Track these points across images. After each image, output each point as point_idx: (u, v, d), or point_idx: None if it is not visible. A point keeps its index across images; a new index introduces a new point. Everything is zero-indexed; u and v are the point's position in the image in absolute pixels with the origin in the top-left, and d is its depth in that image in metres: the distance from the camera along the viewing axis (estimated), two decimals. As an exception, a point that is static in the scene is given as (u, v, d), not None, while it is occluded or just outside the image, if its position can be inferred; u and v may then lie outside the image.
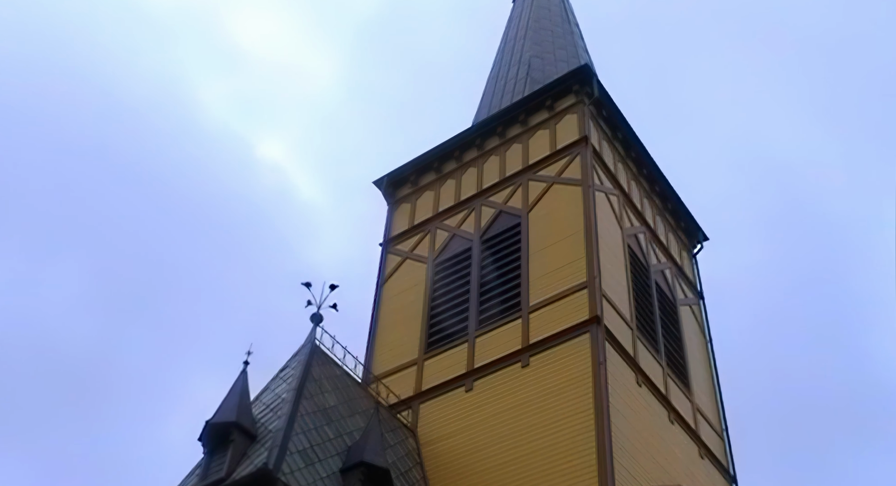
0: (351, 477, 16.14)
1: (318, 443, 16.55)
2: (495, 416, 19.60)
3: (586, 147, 24.16)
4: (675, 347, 23.86)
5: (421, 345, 22.76)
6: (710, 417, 23.92)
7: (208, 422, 15.98)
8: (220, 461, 15.61)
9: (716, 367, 25.88)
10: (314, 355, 19.17)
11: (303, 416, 16.87)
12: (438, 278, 24.31)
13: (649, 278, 24.47)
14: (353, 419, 18.53)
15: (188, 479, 16.45)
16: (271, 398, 17.61)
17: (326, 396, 18.45)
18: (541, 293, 21.43)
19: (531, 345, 20.43)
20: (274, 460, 14.77)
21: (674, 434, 21.25)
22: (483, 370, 20.77)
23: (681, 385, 22.91)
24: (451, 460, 19.58)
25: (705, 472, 22.03)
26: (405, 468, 19.09)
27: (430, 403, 21.19)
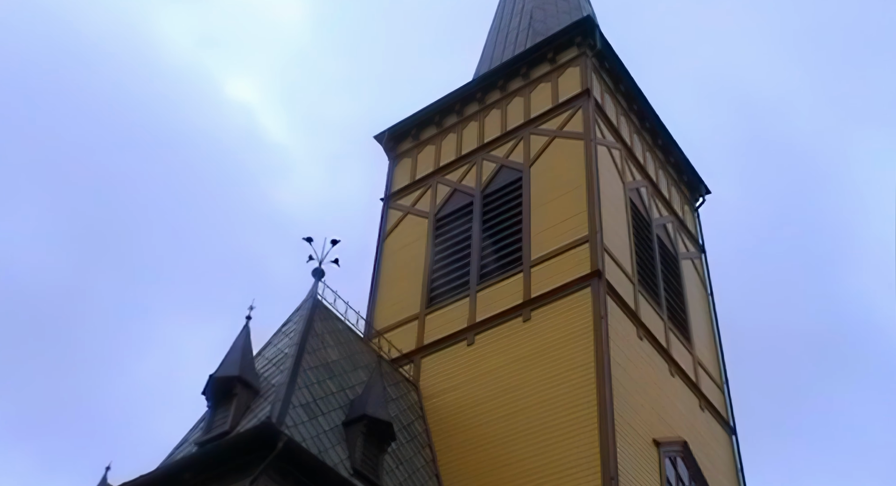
0: (353, 430, 16.27)
1: (320, 397, 16.66)
2: (496, 370, 19.71)
3: (588, 100, 23.97)
4: (676, 300, 23.90)
5: (422, 300, 22.81)
6: (711, 369, 24.05)
7: (212, 376, 16.06)
8: (224, 415, 15.73)
9: (716, 320, 25.96)
10: (316, 310, 19.21)
11: (305, 370, 16.96)
12: (440, 233, 24.28)
13: (651, 232, 24.43)
14: (356, 373, 18.64)
15: (192, 432, 16.59)
16: (274, 353, 17.69)
17: (329, 350, 18.54)
18: (542, 248, 21.41)
19: (532, 299, 20.46)
20: (277, 413, 14.87)
21: (674, 387, 21.38)
22: (484, 325, 20.84)
23: (682, 338, 23.00)
24: (452, 413, 19.73)
25: (706, 424, 22.21)
26: (407, 422, 19.25)
27: (432, 357, 21.30)
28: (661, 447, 18.90)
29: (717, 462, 21.58)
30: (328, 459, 15.02)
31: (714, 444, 22.08)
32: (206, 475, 14.26)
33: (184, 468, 14.62)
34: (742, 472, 22.70)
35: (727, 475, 21.98)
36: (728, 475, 22.07)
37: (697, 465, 20.02)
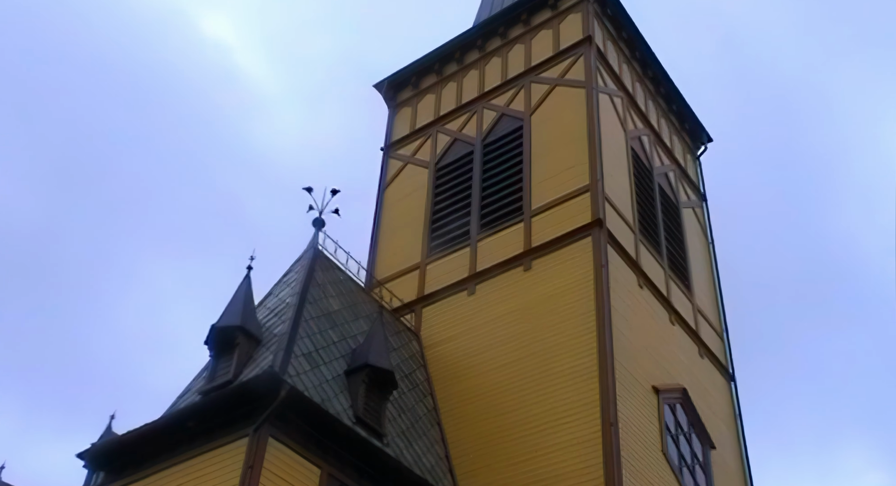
0: (355, 379, 16.39)
1: (322, 346, 16.75)
2: (497, 319, 19.79)
3: (590, 47, 23.70)
4: (677, 249, 23.91)
5: (423, 249, 22.83)
6: (711, 317, 24.15)
7: (213, 326, 16.13)
8: (227, 365, 15.83)
9: (717, 268, 26.00)
10: (317, 260, 19.23)
11: (307, 320, 17.03)
12: (440, 182, 24.20)
13: (652, 181, 24.34)
14: (357, 322, 18.72)
15: (195, 381, 16.71)
16: (275, 303, 17.75)
17: (330, 300, 18.60)
18: (543, 197, 21.36)
19: (533, 249, 20.47)
20: (279, 362, 14.97)
21: (674, 335, 21.49)
22: (485, 274, 20.88)
23: (682, 287, 23.06)
24: (453, 362, 19.87)
25: (705, 371, 22.37)
26: (409, 370, 19.39)
27: (433, 306, 21.38)
28: (661, 394, 19.07)
29: (715, 409, 21.79)
30: (331, 408, 15.16)
31: (713, 391, 22.26)
32: (209, 424, 14.41)
33: (187, 416, 14.77)
34: (740, 418, 22.94)
35: (726, 422, 22.20)
36: (727, 421, 22.30)
37: (696, 411, 20.21)
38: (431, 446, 17.90)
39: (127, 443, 15.35)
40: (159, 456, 14.85)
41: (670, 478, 18.05)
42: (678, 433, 19.39)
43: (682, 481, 18.38)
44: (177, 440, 14.70)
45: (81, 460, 16.08)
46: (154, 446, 14.93)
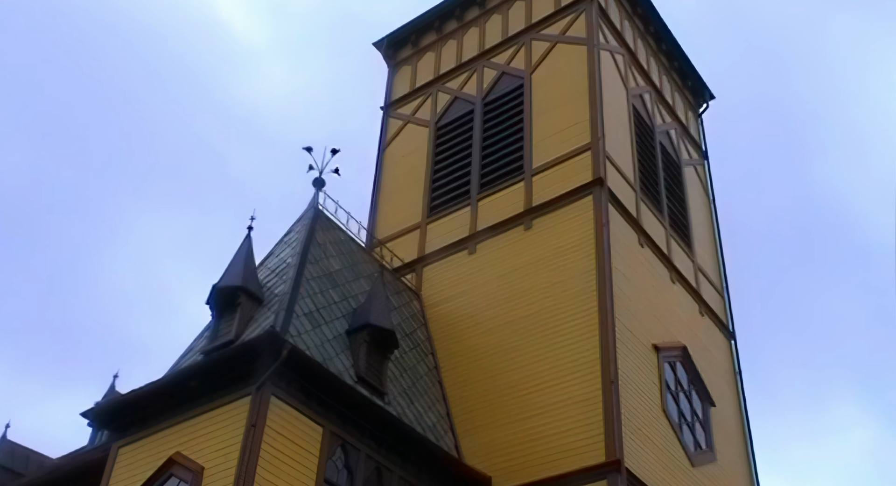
0: (357, 339, 16.46)
1: (323, 306, 16.80)
2: (498, 278, 19.82)
3: (591, 4, 23.42)
4: (677, 207, 23.86)
5: (424, 209, 22.79)
6: (711, 275, 24.18)
7: (215, 286, 16.15)
8: (229, 325, 15.88)
9: (718, 226, 25.98)
10: (317, 220, 19.21)
11: (308, 280, 17.06)
12: (440, 141, 24.08)
13: (654, 139, 24.22)
14: (358, 282, 18.75)
15: (198, 341, 16.79)
16: (276, 263, 17.76)
17: (331, 260, 18.61)
18: (544, 156, 21.26)
19: (534, 208, 20.43)
20: (281, 322, 15.03)
21: (675, 293, 21.53)
22: (485, 233, 20.86)
23: (683, 245, 23.05)
24: (454, 321, 19.93)
25: (705, 329, 22.45)
26: (410, 330, 19.47)
27: (434, 266, 21.40)
28: (661, 352, 19.15)
29: (715, 367, 21.90)
30: (332, 367, 15.25)
31: (713, 349, 22.36)
32: (212, 383, 14.50)
33: (190, 376, 14.86)
34: (740, 376, 23.06)
35: (726, 380, 22.32)
36: (727, 379, 22.42)
37: (696, 369, 20.32)
38: (432, 404, 18.03)
39: (130, 402, 15.46)
40: (163, 415, 14.97)
41: (670, 435, 18.20)
42: (678, 390, 19.51)
43: (681, 438, 18.53)
44: (180, 398, 14.80)
45: (86, 418, 16.23)
46: (157, 404, 15.04)
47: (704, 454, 19.31)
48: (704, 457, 19.20)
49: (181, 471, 14.07)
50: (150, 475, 14.41)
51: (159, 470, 14.35)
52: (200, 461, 13.83)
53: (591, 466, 15.93)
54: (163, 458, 14.41)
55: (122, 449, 15.33)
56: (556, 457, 16.43)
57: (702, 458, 19.05)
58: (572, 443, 16.44)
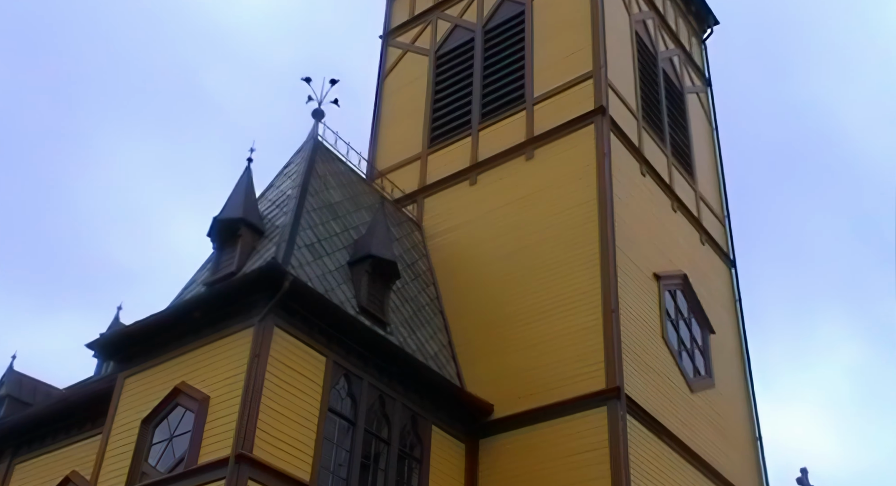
0: (359, 270, 16.52)
1: (325, 238, 16.82)
2: (499, 209, 19.79)
3: (593, -73, 22.84)
4: (680, 135, 23.70)
5: (424, 139, 22.63)
6: (713, 203, 24.14)
7: (216, 218, 16.16)
8: (230, 256, 15.93)
9: (720, 154, 25.84)
10: (317, 152, 19.11)
11: (309, 212, 17.05)
12: (441, 70, 23.78)
13: (656, 66, 23.91)
14: (359, 213, 18.74)
15: (200, 273, 16.87)
16: (277, 195, 17.73)
17: (331, 192, 18.57)
18: (545, 84, 21.02)
19: (535, 138, 20.29)
20: (282, 254, 15.07)
21: (676, 222, 21.53)
22: (487, 164, 20.76)
23: (684, 174, 22.96)
24: (456, 252, 19.98)
25: (706, 257, 22.51)
26: (411, 261, 19.52)
27: (435, 197, 21.36)
28: (661, 281, 19.24)
29: (715, 295, 22.02)
30: (334, 297, 15.34)
31: (714, 277, 22.45)
32: (215, 315, 14.62)
33: (193, 307, 14.97)
34: (740, 303, 23.20)
35: (726, 307, 22.47)
36: (727, 306, 22.57)
37: (696, 297, 20.43)
38: (434, 334, 18.19)
39: (135, 333, 15.61)
40: (167, 346, 15.13)
41: (669, 362, 18.40)
42: (678, 318, 19.66)
43: (680, 364, 18.74)
44: (183, 330, 14.94)
45: (91, 350, 16.41)
46: (161, 336, 15.19)
47: (703, 380, 19.55)
48: (703, 383, 19.45)
49: (187, 400, 14.28)
50: (156, 405, 14.63)
51: (165, 399, 14.57)
52: (206, 391, 14.03)
53: (591, 393, 16.15)
54: (168, 388, 14.62)
55: (128, 379, 15.54)
56: (556, 385, 16.65)
57: (700, 384, 19.29)
58: (573, 371, 16.64)
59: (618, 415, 15.65)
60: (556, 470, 15.80)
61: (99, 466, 14.81)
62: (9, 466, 18.04)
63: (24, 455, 17.97)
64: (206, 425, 13.66)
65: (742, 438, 20.52)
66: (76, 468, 16.70)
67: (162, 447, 14.30)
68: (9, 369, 21.91)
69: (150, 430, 14.59)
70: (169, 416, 14.51)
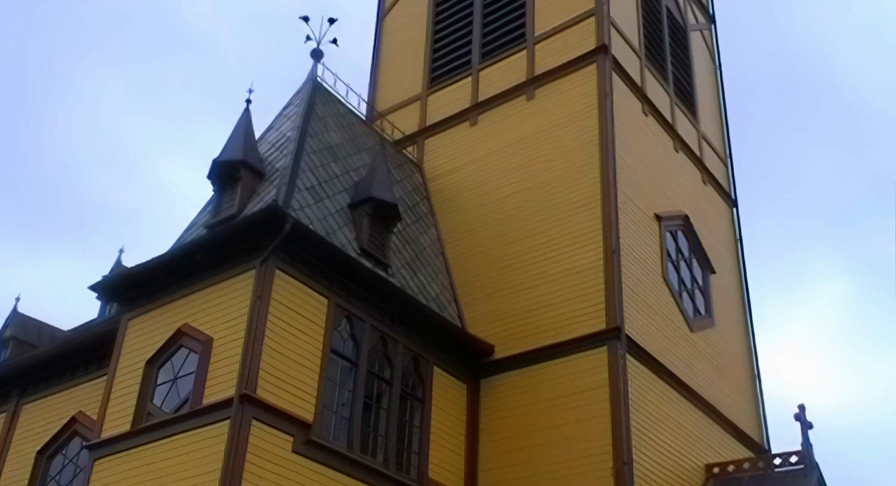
0: (359, 212, 16.51)
1: (325, 180, 16.77)
2: (500, 150, 19.69)
3: None
4: (683, 74, 23.44)
5: (424, 80, 22.41)
6: (715, 143, 24.00)
7: (215, 161, 16.09)
8: (231, 199, 15.91)
9: (723, 93, 25.61)
10: (316, 93, 18.94)
11: (308, 154, 16.97)
12: (440, 9, 23.41)
13: (660, 3, 23.54)
14: (359, 155, 18.65)
15: (200, 215, 16.86)
16: (276, 137, 17.63)
17: (331, 134, 18.46)
18: (546, 23, 20.73)
19: (536, 77, 20.08)
20: (283, 196, 15.03)
21: (678, 162, 21.43)
22: (487, 104, 20.59)
23: (687, 113, 22.77)
24: (457, 193, 19.93)
25: (708, 198, 22.46)
26: (412, 203, 19.49)
27: (435, 138, 21.23)
28: (663, 221, 19.23)
29: (717, 234, 22.03)
30: (336, 240, 15.35)
31: (715, 217, 22.43)
32: (216, 257, 14.65)
33: (194, 250, 15.00)
34: (741, 243, 23.23)
35: (727, 247, 22.50)
36: (727, 246, 22.59)
37: (697, 237, 20.44)
38: (436, 275, 18.25)
39: (137, 275, 15.67)
40: (170, 288, 15.21)
41: (669, 302, 18.48)
42: (679, 258, 19.70)
43: (681, 304, 18.83)
44: (186, 272, 15.00)
45: (94, 292, 16.49)
46: (164, 278, 15.25)
47: (703, 319, 19.67)
48: (703, 323, 19.57)
49: (191, 342, 14.40)
50: (160, 346, 14.77)
51: (169, 341, 14.69)
52: (209, 333, 14.14)
53: (591, 333, 16.26)
54: (172, 329, 14.73)
55: (131, 321, 15.65)
56: (557, 325, 16.76)
57: (700, 323, 19.41)
58: (574, 311, 16.73)
59: (618, 355, 15.78)
60: (557, 409, 16.00)
61: (105, 406, 15.01)
62: (16, 406, 18.29)
63: (30, 396, 18.20)
64: (210, 366, 13.80)
65: (741, 376, 20.72)
66: (82, 408, 16.94)
67: (166, 387, 14.47)
68: (13, 312, 22.07)
69: (154, 371, 14.75)
70: (173, 357, 14.67)
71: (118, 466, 14.04)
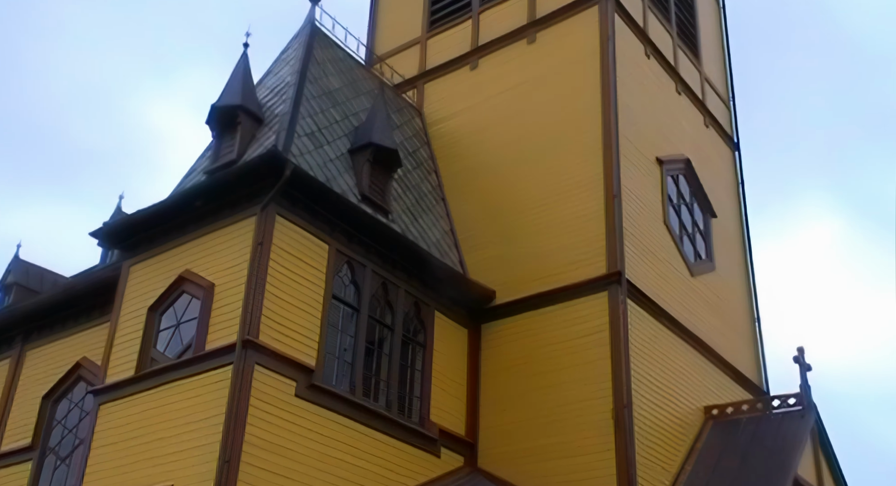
0: (360, 158, 16.42)
1: (325, 126, 16.65)
2: (501, 94, 19.51)
3: None
4: (686, 15, 23.11)
5: (424, 23, 22.11)
6: (718, 85, 23.77)
7: (213, 106, 15.95)
8: (230, 145, 15.81)
9: (727, 34, 25.26)
10: (315, 37, 18.70)
11: (308, 99, 16.82)
12: (440, -52, 22.99)
13: (663, -57, 23.10)
14: (359, 100, 18.49)
15: (199, 161, 16.79)
16: (275, 82, 17.46)
17: (330, 78, 18.28)
18: (548, -37, 20.37)
19: (537, 20, 19.81)
20: (283, 142, 14.94)
21: (680, 105, 21.25)
22: (488, 48, 20.34)
23: (690, 55, 22.51)
24: (457, 139, 19.81)
25: (710, 140, 22.32)
26: (413, 148, 19.39)
27: (435, 82, 21.03)
28: (664, 166, 19.14)
29: (718, 178, 21.94)
30: (336, 186, 15.30)
31: (717, 160, 22.33)
32: (217, 203, 14.62)
33: (194, 196, 14.96)
34: (742, 186, 23.16)
35: (728, 191, 22.43)
36: (729, 190, 22.52)
37: (699, 181, 20.37)
38: (437, 221, 18.23)
39: (137, 222, 15.65)
40: (170, 234, 15.21)
41: (670, 246, 18.49)
42: (680, 202, 19.66)
43: (681, 249, 18.84)
44: (186, 218, 14.99)
45: (95, 239, 16.50)
46: (164, 224, 15.24)
47: (704, 263, 19.71)
48: (704, 267, 19.61)
49: (192, 288, 14.45)
50: (162, 293, 14.82)
51: (171, 287, 14.75)
52: (210, 279, 14.18)
53: (592, 278, 16.31)
54: (173, 276, 14.77)
55: (133, 267, 15.68)
56: (558, 270, 16.79)
57: (701, 268, 19.45)
58: (575, 257, 16.75)
59: (618, 299, 15.84)
60: (557, 353, 16.12)
61: (109, 352, 15.12)
62: (20, 351, 18.44)
63: (34, 341, 18.33)
64: (212, 312, 13.87)
65: (741, 319, 20.84)
66: (86, 353, 17.07)
67: (169, 333, 14.57)
68: (14, 258, 22.11)
69: (156, 317, 14.83)
70: (175, 303, 14.72)
71: (124, 410, 14.21)
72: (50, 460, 16.92)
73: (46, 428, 17.23)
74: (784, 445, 15.94)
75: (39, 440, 17.11)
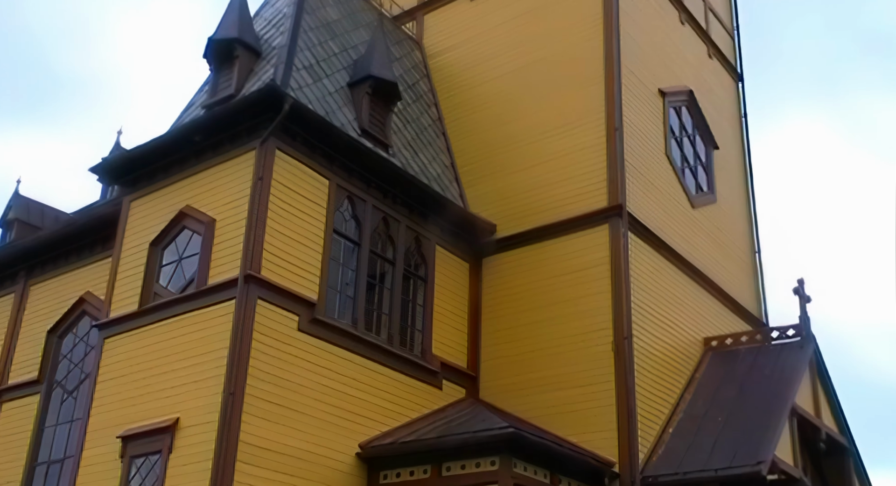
0: (359, 91, 16.25)
1: (323, 58, 16.44)
2: (501, 25, 19.21)
3: None
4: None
5: (423, -42, 21.62)
6: (721, 14, 23.40)
7: (210, 38, 15.72)
8: (228, 78, 15.64)
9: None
10: (312, -33, 18.32)
11: (306, 31, 16.57)
12: None
13: None
14: (357, 32, 18.22)
15: (197, 96, 16.62)
16: (272, 14, 17.18)
17: (328, 10, 17.98)
18: None
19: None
20: (281, 76, 14.77)
21: (683, 35, 20.94)
22: (488, -23, 19.95)
23: (694, -16, 22.10)
24: (458, 71, 19.58)
25: (713, 72, 22.07)
26: (412, 81, 19.17)
27: (435, 13, 20.70)
28: (667, 97, 18.95)
29: (721, 110, 21.76)
30: (335, 120, 15.18)
31: (720, 91, 22.10)
32: (215, 138, 14.53)
33: (193, 131, 14.85)
34: (745, 118, 22.98)
35: (731, 122, 22.26)
36: (731, 122, 22.35)
37: (701, 113, 20.20)
38: (437, 155, 18.13)
39: (137, 157, 15.58)
40: (170, 170, 15.15)
41: (672, 179, 18.43)
42: (682, 135, 19.52)
43: (683, 181, 18.78)
44: (185, 153, 14.91)
45: (95, 174, 16.43)
46: (163, 159, 15.17)
47: (705, 195, 19.66)
48: (705, 199, 19.57)
49: (193, 223, 14.45)
50: (163, 228, 14.83)
51: (172, 222, 14.75)
52: (211, 214, 14.17)
53: (593, 211, 16.29)
54: (174, 211, 14.76)
55: (133, 203, 15.66)
56: (559, 204, 16.77)
57: (702, 200, 19.41)
58: (576, 190, 16.70)
59: (619, 232, 15.85)
60: (558, 286, 16.19)
61: (112, 287, 15.20)
62: (24, 287, 18.53)
63: (37, 277, 18.41)
64: (214, 247, 13.90)
65: (741, 251, 20.87)
66: (90, 288, 17.16)
67: (171, 268, 14.61)
68: (15, 194, 22.06)
69: (158, 252, 14.86)
70: (176, 239, 14.74)
71: (128, 344, 14.34)
72: (57, 393, 17.14)
73: (53, 362, 17.41)
74: (782, 375, 16.11)
75: (46, 374, 17.31)
